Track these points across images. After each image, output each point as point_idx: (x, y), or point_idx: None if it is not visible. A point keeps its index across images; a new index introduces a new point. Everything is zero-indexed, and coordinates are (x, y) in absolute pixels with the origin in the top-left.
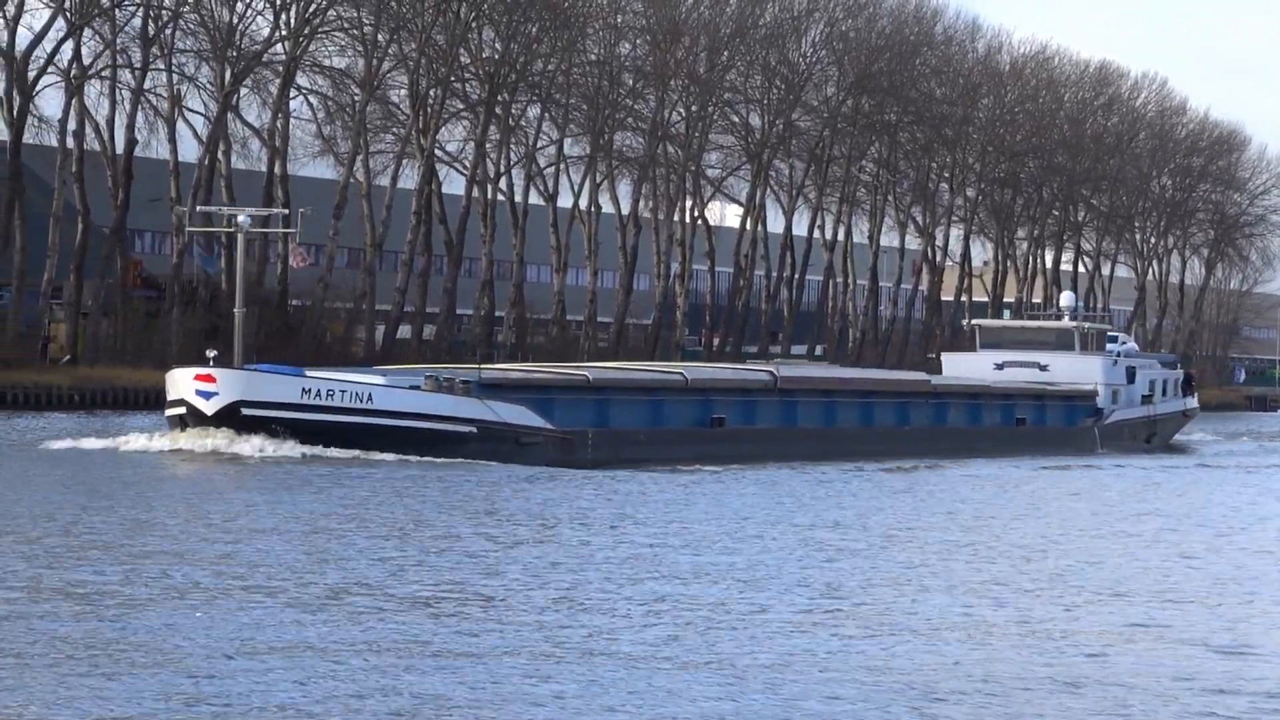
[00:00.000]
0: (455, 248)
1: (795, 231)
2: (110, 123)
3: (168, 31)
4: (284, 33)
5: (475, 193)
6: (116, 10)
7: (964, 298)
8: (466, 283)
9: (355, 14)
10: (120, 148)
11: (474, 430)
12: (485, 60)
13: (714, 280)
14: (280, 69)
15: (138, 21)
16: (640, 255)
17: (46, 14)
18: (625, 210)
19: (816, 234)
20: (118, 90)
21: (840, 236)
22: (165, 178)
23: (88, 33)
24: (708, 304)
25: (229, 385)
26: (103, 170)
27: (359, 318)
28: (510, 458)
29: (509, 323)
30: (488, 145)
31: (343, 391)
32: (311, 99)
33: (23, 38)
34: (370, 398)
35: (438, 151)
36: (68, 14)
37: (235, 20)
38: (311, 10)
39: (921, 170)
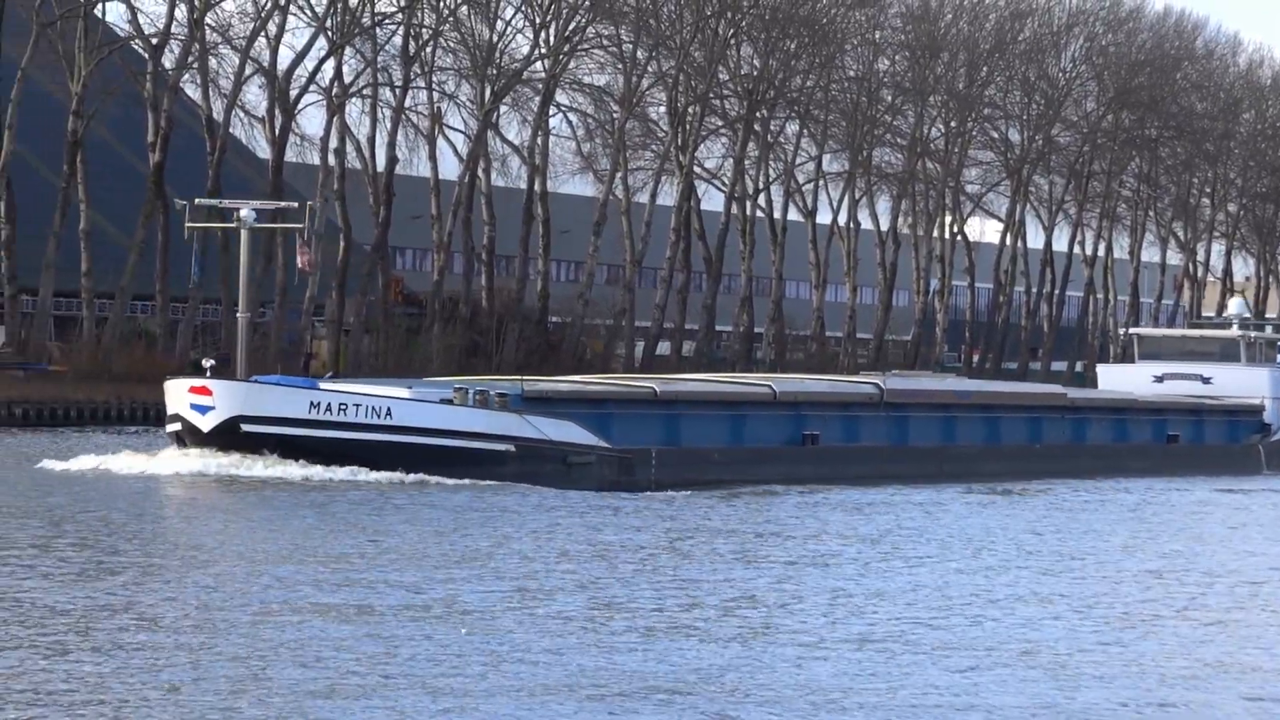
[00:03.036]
0: (714, 264)
1: (1055, 247)
2: (371, 141)
3: (428, 50)
4: (544, 50)
5: (734, 209)
6: (377, 29)
7: (1225, 313)
8: (725, 299)
9: (614, 31)
10: (381, 165)
11: (512, 449)
12: (744, 77)
13: (974, 296)
14: (540, 86)
15: (398, 40)
16: (899, 271)
17: (308, 33)
18: (884, 226)
19: (1076, 249)
20: (378, 108)
21: (1100, 252)
22: (426, 195)
23: (349, 51)
24: (967, 320)
25: (227, 398)
26: (364, 188)
27: (618, 334)
28: (555, 480)
29: (768, 339)
30: (746, 162)
31: (357, 405)
32: (571, 116)
33: (284, 57)
34: (389, 412)
35: (696, 168)
36: (329, 33)
37: (495, 38)
38: (571, 28)
39: (1182, 185)
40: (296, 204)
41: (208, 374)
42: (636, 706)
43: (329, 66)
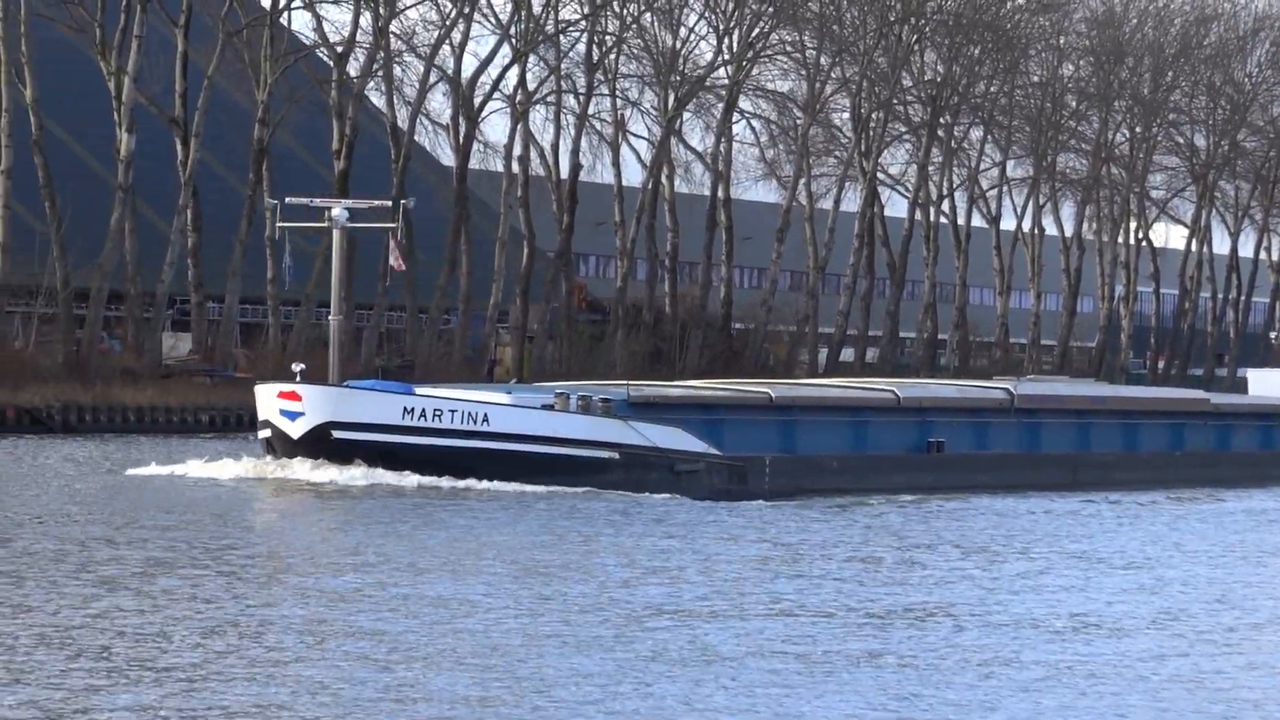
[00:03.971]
0: (898, 270)
1: (1241, 253)
2: (555, 148)
3: (612, 57)
4: (727, 57)
5: (918, 215)
6: (561, 36)
7: None
8: (909, 305)
9: (798, 38)
10: (565, 172)
11: (616, 456)
12: (927, 83)
13: (1159, 302)
14: (723, 93)
15: (582, 47)
16: (1084, 277)
17: (492, 41)
18: (1069, 232)
19: (1263, 255)
20: (562, 115)
21: None
22: (609, 202)
23: (533, 59)
24: (1152, 326)
25: (316, 404)
26: (547, 195)
27: (801, 340)
28: (661, 488)
29: (952, 345)
30: (930, 167)
31: (453, 411)
32: (754, 122)
33: (469, 64)
34: (486, 418)
35: (880, 174)
36: (513, 41)
37: (679, 45)
38: (754, 34)
39: None
40: (390, 202)
41: (297, 379)
42: None
43: (513, 74)
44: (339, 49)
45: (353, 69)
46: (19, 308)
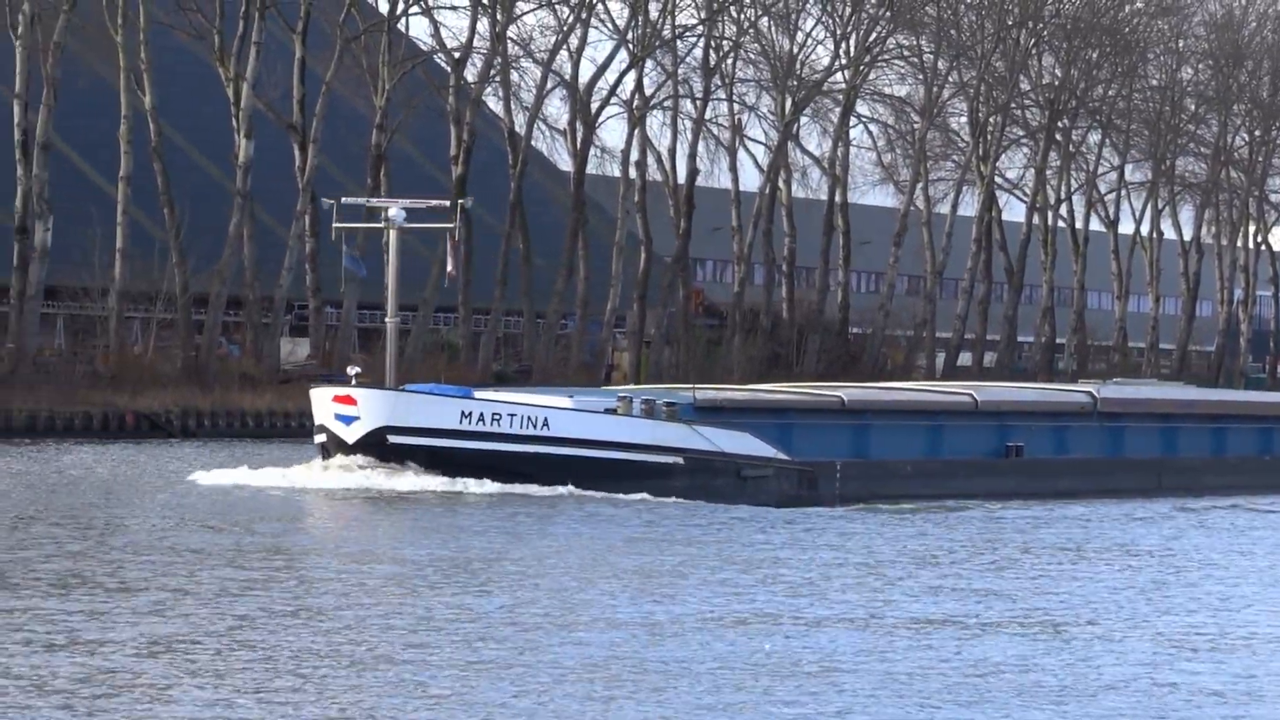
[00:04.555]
0: (1015, 274)
1: None
2: (672, 152)
3: (729, 61)
4: (844, 61)
5: (1035, 219)
6: (678, 41)
7: None
8: (1027, 309)
9: (915, 42)
10: (682, 177)
11: (680, 461)
12: (1045, 86)
13: (1278, 306)
14: (840, 97)
15: (699, 52)
16: (1202, 281)
17: (609, 46)
18: (1187, 236)
19: None
20: (679, 120)
21: None
22: (726, 207)
23: (649, 64)
24: (1271, 330)
25: (372, 408)
26: (665, 199)
27: (919, 345)
28: (728, 495)
29: (1070, 349)
30: (1048, 171)
31: (512, 415)
32: (871, 127)
33: (586, 70)
34: (546, 423)
35: (998, 178)
36: (630, 46)
37: (796, 49)
38: (872, 39)
39: None
40: (448, 202)
41: (352, 382)
42: None
43: (630, 79)
44: (456, 54)
45: (470, 74)
46: (138, 313)
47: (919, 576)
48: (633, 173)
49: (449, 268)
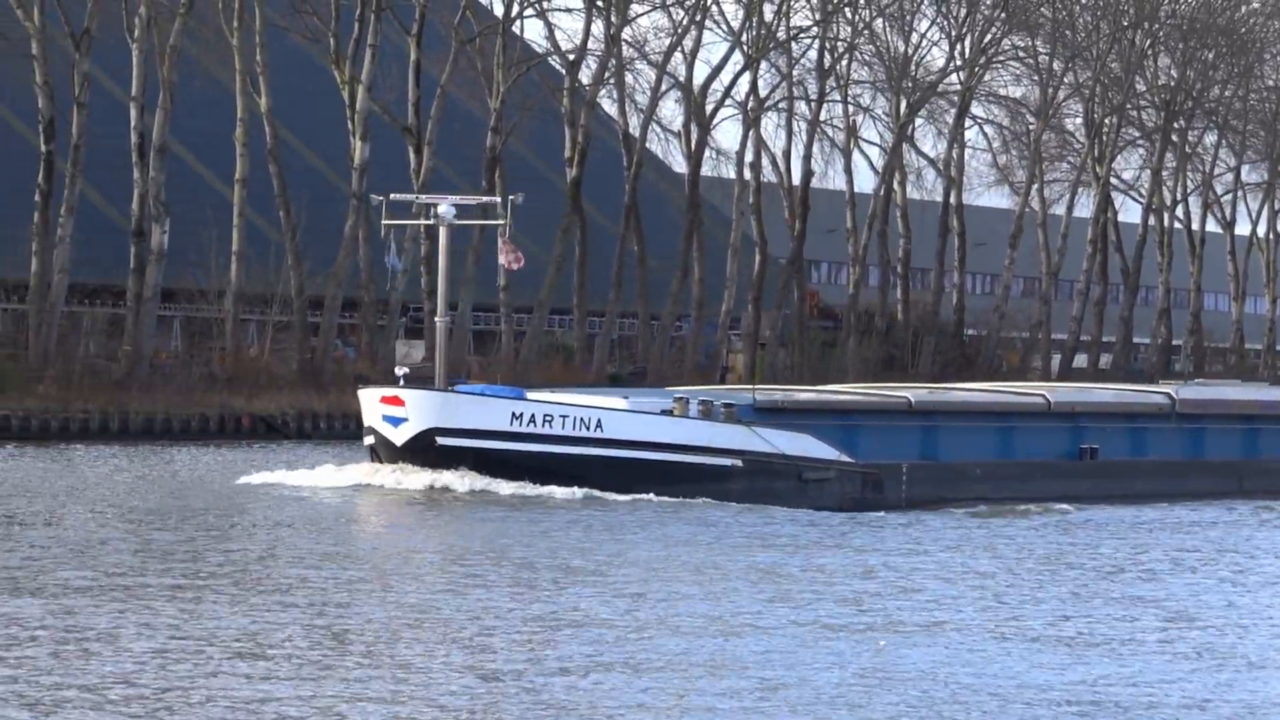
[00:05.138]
0: (1131, 276)
1: None
2: (786, 154)
3: (843, 63)
4: (959, 63)
5: (1151, 220)
6: (793, 43)
7: None
8: (1142, 311)
9: (1030, 43)
10: (796, 179)
11: (739, 464)
12: (1161, 87)
13: None
14: (955, 99)
15: (813, 53)
16: None
17: (724, 47)
18: None
19: None
20: (794, 121)
21: None
22: (841, 208)
23: (764, 65)
24: None
25: (420, 409)
26: (779, 201)
27: (1034, 347)
28: (788, 498)
29: (1186, 351)
30: (1164, 172)
31: (564, 416)
32: (986, 128)
33: (700, 71)
34: (599, 424)
35: (1113, 179)
36: (745, 47)
37: (910, 51)
38: (987, 40)
39: None
40: (499, 199)
41: (400, 383)
42: None
43: (744, 80)
44: (571, 57)
45: (585, 76)
46: (254, 315)
47: (1098, 585)
48: (747, 174)
49: (505, 263)
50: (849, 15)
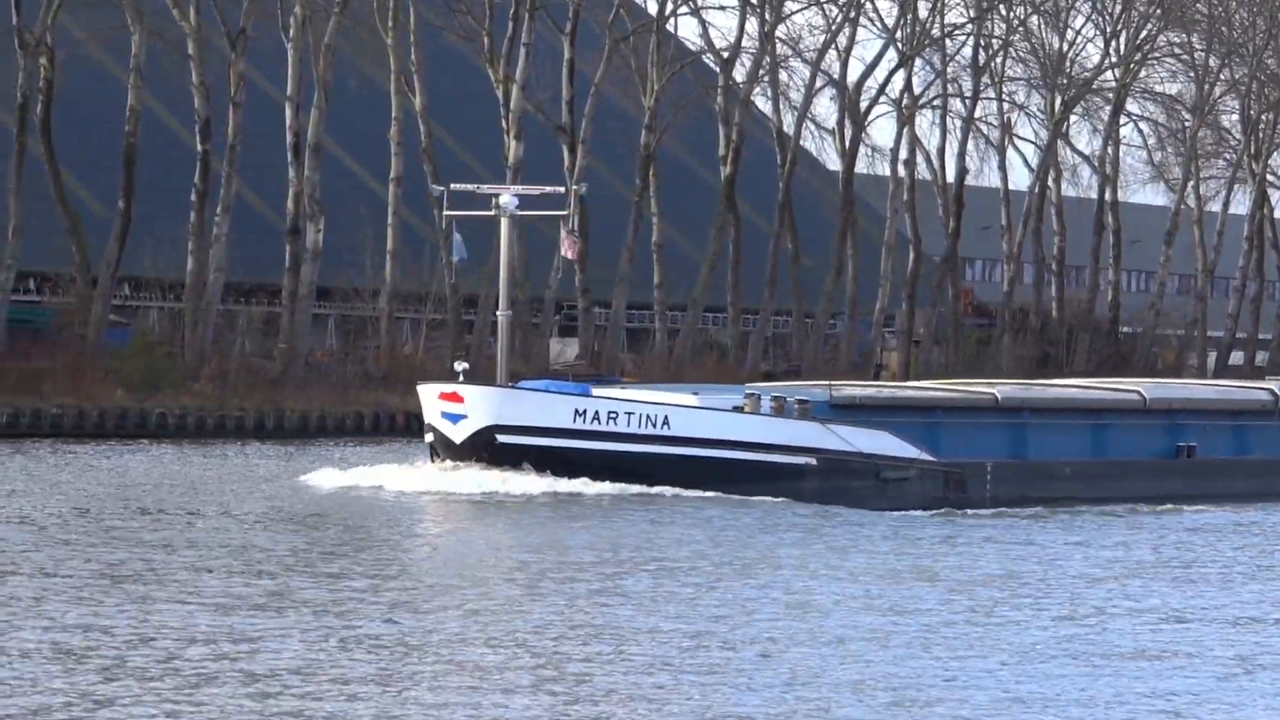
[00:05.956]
0: None
1: None
2: (941, 152)
3: (998, 60)
4: (1114, 60)
5: None
6: (947, 40)
7: None
8: None
9: (1186, 39)
10: (951, 176)
11: (813, 462)
12: None
13: None
14: (1110, 95)
15: (968, 50)
16: None
17: (878, 45)
18: None
19: None
20: (948, 119)
21: None
22: (996, 206)
23: (919, 62)
24: None
25: (479, 406)
26: (934, 199)
27: (1190, 344)
28: (866, 497)
29: None
30: None
31: (629, 414)
32: (1142, 125)
33: (854, 69)
34: (666, 421)
35: (1270, 176)
36: (899, 45)
37: (1065, 47)
38: (1142, 37)
39: None
40: (562, 189)
41: (460, 379)
42: None
43: (899, 77)
44: (725, 54)
45: (739, 74)
46: (409, 314)
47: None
48: (901, 172)
49: (565, 253)
50: (1003, 12)
